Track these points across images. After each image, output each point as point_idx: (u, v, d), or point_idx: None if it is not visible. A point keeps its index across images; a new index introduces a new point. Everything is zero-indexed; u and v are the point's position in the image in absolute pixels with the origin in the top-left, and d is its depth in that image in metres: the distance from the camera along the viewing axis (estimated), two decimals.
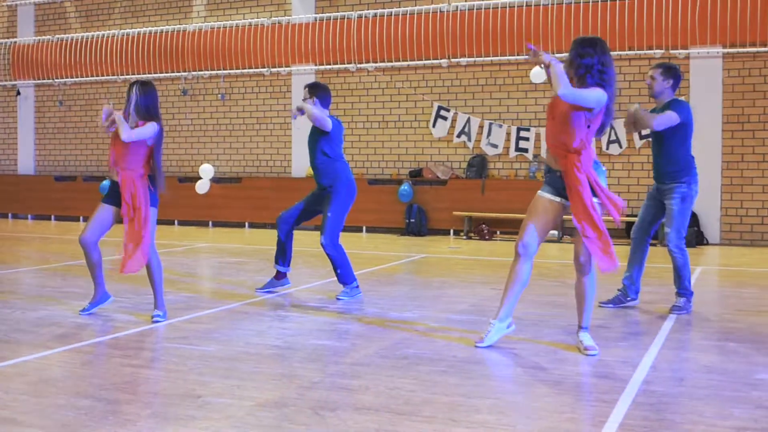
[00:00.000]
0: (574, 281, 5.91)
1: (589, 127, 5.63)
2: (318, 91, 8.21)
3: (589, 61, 5.63)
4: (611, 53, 5.79)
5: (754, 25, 13.68)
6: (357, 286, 8.15)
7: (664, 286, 8.60)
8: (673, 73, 7.42)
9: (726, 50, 13.89)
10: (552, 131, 5.80)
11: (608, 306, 7.59)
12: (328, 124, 8.05)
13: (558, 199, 5.82)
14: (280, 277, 8.44)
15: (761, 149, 13.83)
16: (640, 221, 7.67)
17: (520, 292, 5.95)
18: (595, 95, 5.54)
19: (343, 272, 8.07)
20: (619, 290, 7.69)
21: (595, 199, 5.67)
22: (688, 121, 7.32)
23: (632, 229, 7.77)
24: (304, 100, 8.20)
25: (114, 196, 6.95)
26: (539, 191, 5.93)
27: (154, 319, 6.82)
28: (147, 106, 6.87)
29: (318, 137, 8.16)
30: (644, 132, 7.86)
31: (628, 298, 7.63)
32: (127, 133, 6.69)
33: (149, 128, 6.81)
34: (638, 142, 14.29)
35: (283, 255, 8.31)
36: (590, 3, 14.53)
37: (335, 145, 8.19)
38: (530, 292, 8.15)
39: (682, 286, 7.38)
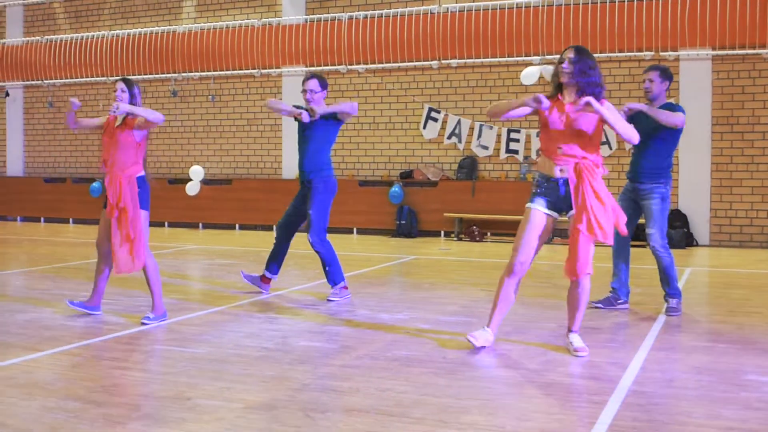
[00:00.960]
0: (563, 282, 5.92)
1: None
2: (326, 84, 8.18)
3: (595, 79, 5.67)
4: (601, 55, 5.86)
5: (743, 28, 13.72)
6: (345, 287, 8.14)
7: (654, 287, 8.62)
8: (669, 75, 7.48)
9: (715, 52, 13.93)
10: (562, 141, 5.69)
11: (599, 306, 7.58)
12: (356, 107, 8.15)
13: (551, 213, 5.78)
14: (266, 280, 8.45)
15: (750, 151, 13.88)
16: None
17: (507, 309, 6.03)
18: (616, 113, 5.69)
19: (333, 270, 8.05)
20: (611, 293, 7.68)
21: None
22: (683, 126, 7.38)
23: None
24: (313, 92, 8.06)
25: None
26: (531, 204, 5.82)
27: (143, 320, 6.80)
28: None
29: (335, 129, 8.17)
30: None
31: (620, 301, 7.62)
32: (154, 114, 6.70)
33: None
34: (627, 144, 14.29)
35: (276, 261, 8.36)
36: (580, 5, 14.55)
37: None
38: (520, 293, 8.15)
39: (672, 287, 7.38)
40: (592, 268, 5.67)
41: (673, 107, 7.37)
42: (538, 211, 5.79)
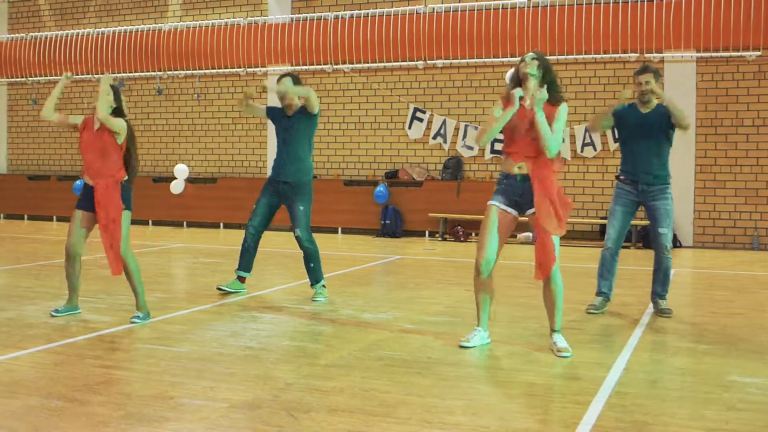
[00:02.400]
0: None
1: None
2: (300, 82, 8.09)
3: (553, 77, 5.88)
4: (587, 56, 5.95)
5: (727, 30, 13.80)
6: (324, 286, 8.12)
7: (637, 288, 8.65)
8: (659, 76, 7.52)
9: (699, 54, 14.00)
10: (525, 141, 5.80)
11: (596, 312, 7.47)
12: (317, 103, 7.93)
13: (511, 210, 5.88)
14: (243, 281, 8.42)
15: (733, 153, 13.96)
16: (620, 230, 7.49)
17: (489, 303, 6.06)
18: (564, 121, 5.82)
19: (317, 267, 8.04)
20: (601, 295, 7.58)
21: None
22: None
23: (612, 239, 7.52)
24: (284, 92, 8.01)
25: (87, 201, 6.86)
26: (490, 201, 5.94)
27: (132, 320, 6.77)
28: (119, 107, 6.85)
29: (310, 125, 8.06)
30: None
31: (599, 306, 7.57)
32: (103, 112, 6.64)
33: (120, 121, 6.77)
34: (612, 145, 14.38)
35: (249, 260, 8.34)
36: (566, 6, 14.60)
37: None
38: (503, 293, 8.18)
39: (666, 289, 7.39)
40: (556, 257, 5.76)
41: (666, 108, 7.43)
42: (496, 208, 5.89)
